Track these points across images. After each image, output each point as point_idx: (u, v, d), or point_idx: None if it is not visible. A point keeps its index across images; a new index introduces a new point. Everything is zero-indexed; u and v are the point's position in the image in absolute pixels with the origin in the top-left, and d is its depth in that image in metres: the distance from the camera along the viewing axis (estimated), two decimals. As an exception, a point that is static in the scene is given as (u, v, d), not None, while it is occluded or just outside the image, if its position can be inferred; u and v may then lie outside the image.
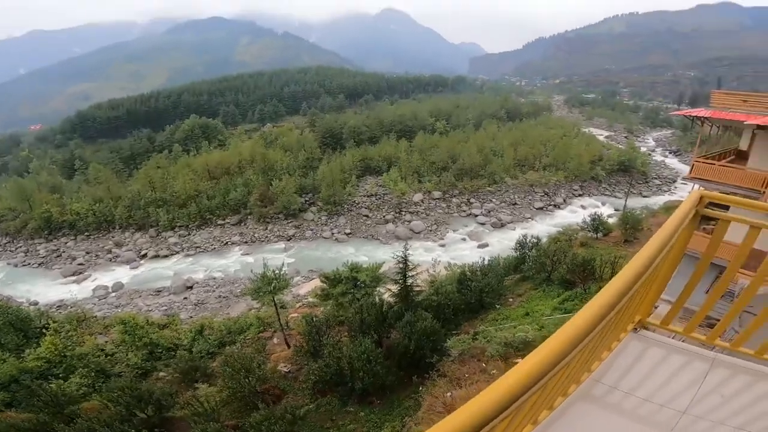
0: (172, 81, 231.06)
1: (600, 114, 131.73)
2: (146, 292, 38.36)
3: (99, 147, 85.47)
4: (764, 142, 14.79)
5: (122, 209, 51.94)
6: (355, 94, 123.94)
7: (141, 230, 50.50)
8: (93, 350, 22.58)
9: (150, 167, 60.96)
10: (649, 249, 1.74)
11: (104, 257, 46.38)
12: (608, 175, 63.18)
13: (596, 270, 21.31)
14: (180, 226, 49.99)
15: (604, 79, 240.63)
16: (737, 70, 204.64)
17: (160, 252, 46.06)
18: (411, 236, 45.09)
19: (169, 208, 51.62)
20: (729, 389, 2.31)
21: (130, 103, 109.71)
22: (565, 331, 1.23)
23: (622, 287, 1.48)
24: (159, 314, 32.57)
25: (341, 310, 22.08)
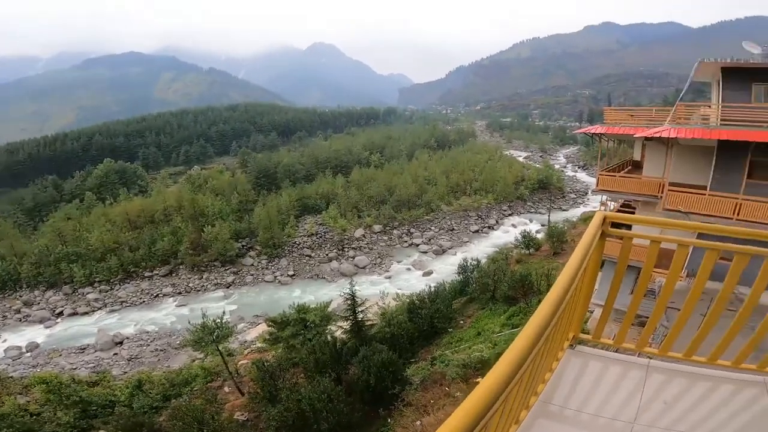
0: (82, 121, 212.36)
1: (517, 136, 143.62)
2: (67, 351, 35.05)
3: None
4: (653, 151, 16.59)
5: (29, 266, 46.28)
6: (287, 131, 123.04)
7: (53, 288, 45.34)
8: (15, 410, 20.50)
9: (58, 219, 55.11)
10: (567, 271, 1.86)
11: (13, 318, 41.56)
12: (531, 193, 68.51)
13: (534, 284, 23.08)
14: (100, 281, 45.50)
15: (517, 103, 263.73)
16: (622, 86, 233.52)
17: (78, 309, 41.99)
18: (356, 272, 45.18)
19: (84, 262, 46.78)
20: (668, 394, 2.39)
21: (32, 147, 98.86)
22: (511, 349, 1.32)
23: (551, 308, 1.58)
24: (86, 372, 29.95)
25: (293, 352, 21.71)
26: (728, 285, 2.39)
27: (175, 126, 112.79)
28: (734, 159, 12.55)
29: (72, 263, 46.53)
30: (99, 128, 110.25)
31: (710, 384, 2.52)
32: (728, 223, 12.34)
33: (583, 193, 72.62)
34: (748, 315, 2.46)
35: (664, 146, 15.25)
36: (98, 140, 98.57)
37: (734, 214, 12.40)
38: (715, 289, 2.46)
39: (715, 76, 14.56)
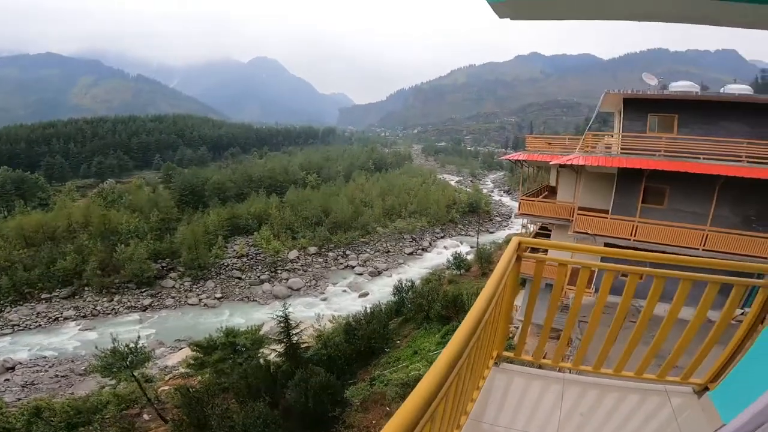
0: None
1: (450, 161, 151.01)
2: None
3: None
4: (566, 177, 18.11)
5: None
6: (219, 146, 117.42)
7: None
8: None
9: None
10: (485, 292, 1.93)
11: None
12: (462, 216, 71.68)
13: (465, 303, 24.06)
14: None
15: (452, 128, 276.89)
16: (543, 114, 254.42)
17: None
18: (290, 294, 43.76)
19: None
20: (584, 407, 2.52)
21: None
22: (433, 368, 1.32)
23: (470, 327, 1.62)
24: None
25: (222, 377, 20.56)
26: (624, 301, 2.59)
27: (89, 134, 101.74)
28: (631, 185, 14.21)
29: (-49, 282, 39.87)
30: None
31: (618, 394, 2.67)
32: (627, 244, 13.82)
33: (507, 216, 77.36)
34: (645, 326, 2.65)
35: (574, 173, 16.80)
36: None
37: (632, 236, 13.95)
38: (618, 303, 2.66)
39: (617, 107, 16.44)
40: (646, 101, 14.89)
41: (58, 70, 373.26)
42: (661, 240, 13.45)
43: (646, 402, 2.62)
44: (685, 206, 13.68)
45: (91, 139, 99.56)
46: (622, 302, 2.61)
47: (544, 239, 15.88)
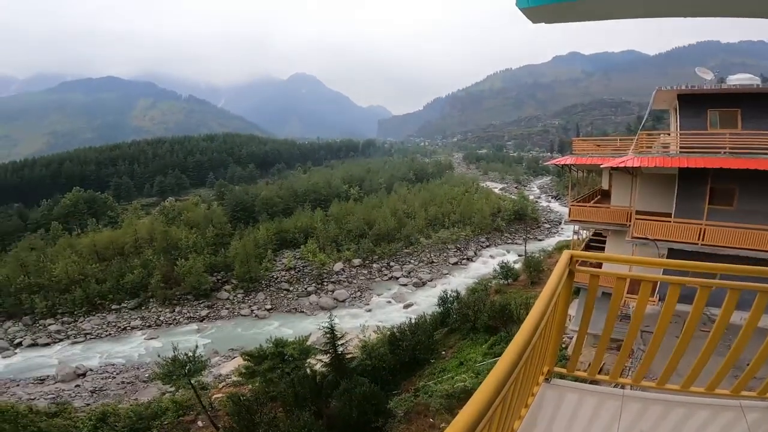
0: (54, 147, 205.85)
1: (492, 168, 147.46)
2: (25, 381, 33.31)
3: None
4: (620, 181, 17.19)
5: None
6: (266, 163, 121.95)
7: (12, 318, 43.22)
8: None
9: (22, 249, 52.81)
10: (536, 308, 1.90)
11: None
12: (507, 224, 69.81)
13: (513, 313, 23.40)
14: (62, 313, 43.49)
15: (492, 134, 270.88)
16: (589, 115, 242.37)
17: (38, 340, 40.08)
18: (336, 305, 44.48)
19: (47, 293, 44.76)
20: (645, 424, 2.38)
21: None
22: (481, 389, 1.31)
23: (520, 346, 1.61)
24: (45, 403, 28.26)
25: (271, 386, 21.03)
26: (694, 314, 2.48)
27: (150, 155, 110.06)
28: (695, 186, 13.18)
29: (34, 294, 44.52)
30: (70, 155, 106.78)
31: (685, 410, 2.52)
32: (694, 248, 12.85)
33: (557, 222, 74.55)
34: (719, 337, 2.50)
35: (629, 175, 15.88)
36: (68, 167, 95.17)
37: (699, 240, 12.94)
38: (687, 311, 2.50)
39: (672, 104, 15.41)
40: (703, 96, 13.83)
41: (118, 93, 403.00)
42: (732, 243, 12.35)
43: (717, 418, 2.46)
44: (757, 206, 12.48)
45: (152, 159, 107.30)
46: (692, 314, 2.43)
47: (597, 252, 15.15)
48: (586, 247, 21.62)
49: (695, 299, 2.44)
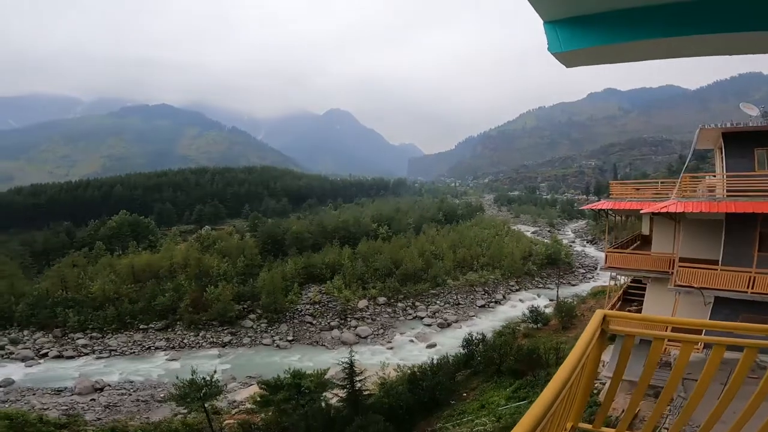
0: (108, 170, 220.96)
1: (525, 211, 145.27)
2: (42, 391, 33.95)
3: (9, 237, 76.77)
4: (662, 226, 16.37)
5: (24, 307, 46.39)
6: (299, 198, 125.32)
7: (44, 330, 44.94)
8: None
9: (65, 265, 55.44)
10: (565, 366, 1.83)
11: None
12: (539, 268, 67.82)
13: (542, 357, 22.61)
14: (93, 328, 45.06)
15: (525, 175, 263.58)
16: (627, 155, 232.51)
17: (64, 353, 41.33)
18: (358, 341, 43.96)
19: (81, 309, 46.63)
20: None
21: (54, 191, 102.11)
22: None
23: (542, 409, 1.54)
24: (57, 413, 28.44)
25: (284, 416, 20.69)
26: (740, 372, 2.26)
27: (193, 184, 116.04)
28: (744, 232, 12.33)
29: (68, 309, 46.40)
30: (121, 179, 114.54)
31: None
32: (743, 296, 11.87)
33: (592, 267, 71.74)
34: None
35: (672, 221, 15.21)
36: (118, 191, 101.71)
37: (749, 288, 11.97)
38: (734, 359, 2.32)
39: (717, 143, 14.72)
40: (750, 134, 13.11)
41: (170, 120, 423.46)
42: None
43: None
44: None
45: (194, 187, 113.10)
46: (738, 371, 2.19)
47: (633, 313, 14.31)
48: (624, 293, 20.63)
49: (742, 357, 2.24)
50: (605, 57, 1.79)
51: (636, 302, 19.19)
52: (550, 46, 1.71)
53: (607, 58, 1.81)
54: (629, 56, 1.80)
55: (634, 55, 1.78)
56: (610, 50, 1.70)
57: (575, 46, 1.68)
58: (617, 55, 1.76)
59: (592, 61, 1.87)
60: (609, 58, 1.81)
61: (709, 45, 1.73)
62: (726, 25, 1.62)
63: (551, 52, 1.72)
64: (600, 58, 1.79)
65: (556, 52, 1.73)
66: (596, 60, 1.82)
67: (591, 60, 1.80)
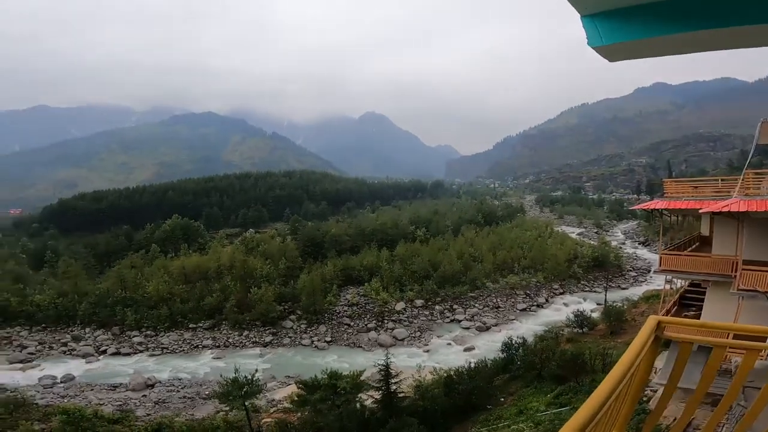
0: (162, 176, 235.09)
1: (569, 211, 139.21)
2: (99, 387, 36.16)
3: (75, 240, 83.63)
4: (723, 226, 15.38)
5: (87, 306, 50.05)
6: (338, 201, 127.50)
7: (104, 327, 48.23)
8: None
9: (124, 266, 59.56)
10: (612, 376, 1.78)
11: (58, 349, 44.38)
12: (585, 271, 64.92)
13: (587, 363, 21.64)
14: (147, 327, 47.91)
15: (568, 175, 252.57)
16: (682, 152, 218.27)
17: (121, 350, 44.06)
18: (394, 343, 43.98)
19: (138, 308, 49.78)
20: None
21: (114, 197, 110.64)
22: None
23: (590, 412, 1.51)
24: (111, 409, 30.11)
25: (319, 416, 20.95)
26: None
27: (238, 188, 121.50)
28: None
29: (127, 308, 49.66)
30: (173, 185, 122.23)
31: None
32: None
33: (644, 270, 67.98)
34: None
35: (734, 220, 14.07)
36: (170, 196, 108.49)
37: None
38: None
39: None
40: None
41: (215, 128, 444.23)
42: None
43: None
44: None
45: (239, 192, 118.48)
46: None
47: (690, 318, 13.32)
48: (680, 298, 19.34)
49: None
50: (649, 50, 1.70)
51: (694, 307, 17.95)
52: (589, 40, 1.66)
53: (652, 51, 1.72)
54: (674, 49, 1.71)
55: (680, 47, 1.68)
56: (654, 43, 1.62)
57: (616, 40, 1.61)
58: (662, 47, 1.68)
59: (635, 55, 1.77)
60: (653, 51, 1.72)
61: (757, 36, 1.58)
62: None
63: (591, 46, 1.67)
64: (643, 51, 1.70)
65: (596, 46, 1.67)
66: (639, 53, 1.73)
67: (634, 53, 1.72)
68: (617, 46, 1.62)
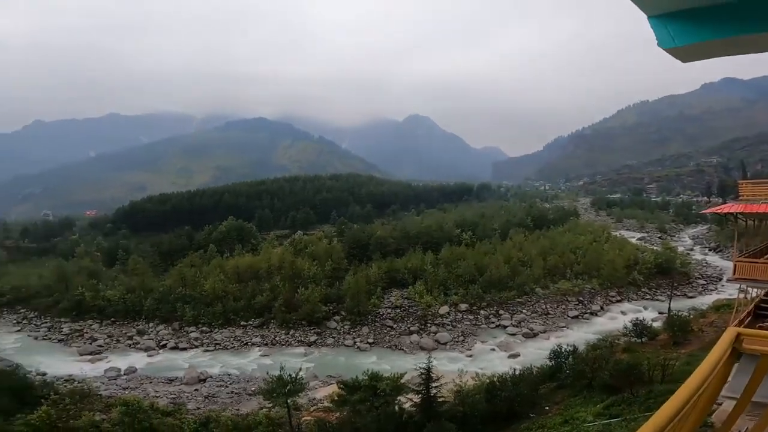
0: (218, 180, 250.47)
1: (629, 215, 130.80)
2: (158, 380, 38.47)
3: (143, 239, 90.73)
4: None
5: (151, 301, 54.08)
6: (383, 203, 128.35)
7: (165, 323, 51.78)
8: (87, 425, 22.09)
9: (185, 265, 63.75)
10: (685, 389, 1.75)
11: (124, 342, 47.90)
12: (646, 278, 60.63)
13: (645, 374, 20.48)
14: (203, 323, 50.79)
15: (628, 176, 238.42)
16: (757, 150, 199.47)
17: (179, 344, 46.83)
18: (436, 347, 43.54)
19: (195, 305, 53.07)
20: None
21: (177, 199, 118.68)
22: None
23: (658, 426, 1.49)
24: (166, 402, 31.89)
25: (357, 417, 21.13)
26: None
27: (287, 191, 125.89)
28: None
29: (186, 304, 52.94)
30: (228, 188, 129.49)
31: None
32: None
33: (715, 278, 62.60)
34: None
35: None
36: (226, 199, 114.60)
37: None
38: None
39: None
40: None
41: (266, 133, 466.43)
42: None
43: None
44: None
45: (288, 195, 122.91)
46: None
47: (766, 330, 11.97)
48: (756, 308, 17.75)
49: None
50: (724, 50, 1.63)
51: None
52: (660, 41, 1.59)
53: (726, 51, 1.64)
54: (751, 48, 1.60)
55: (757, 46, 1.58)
56: (729, 43, 1.55)
57: (689, 41, 1.54)
58: (737, 47, 1.60)
59: (709, 55, 1.67)
60: (728, 51, 1.65)
61: None
62: None
63: (663, 47, 1.59)
64: (718, 50, 1.63)
65: (668, 48, 1.59)
66: (714, 53, 1.64)
67: (708, 53, 1.64)
68: (691, 47, 1.56)
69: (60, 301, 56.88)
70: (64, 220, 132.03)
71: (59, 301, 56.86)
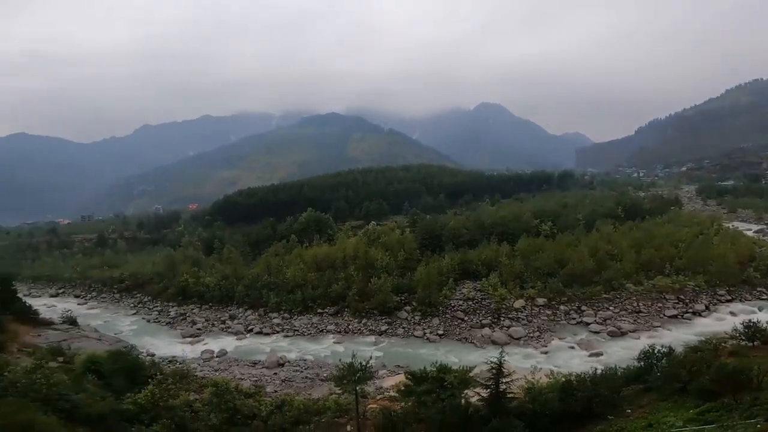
0: (297, 174, 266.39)
1: (744, 204, 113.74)
2: (243, 362, 41.40)
3: (236, 230, 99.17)
4: None
5: (242, 288, 58.77)
6: (455, 194, 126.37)
7: (252, 308, 55.87)
8: (182, 405, 23.93)
9: (270, 254, 68.48)
10: None
11: (218, 326, 52.50)
12: (764, 276, 52.83)
13: (753, 379, 18.42)
14: (284, 310, 54.06)
15: (742, 161, 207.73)
16: None
17: (263, 330, 50.27)
18: (509, 342, 41.92)
19: (278, 292, 56.64)
20: None
21: (263, 193, 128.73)
22: None
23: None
24: (248, 384, 33.92)
25: (422, 408, 21.16)
26: None
27: (361, 183, 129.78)
28: None
29: (270, 291, 56.93)
30: (307, 181, 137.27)
31: None
32: None
33: None
34: None
35: None
36: (305, 192, 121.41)
37: None
38: None
39: None
40: None
41: (338, 127, 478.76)
42: None
43: None
44: None
45: (362, 186, 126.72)
46: None
47: None
48: None
49: None
50: None
51: None
52: None
53: None
54: None
55: None
56: None
57: None
58: None
59: None
60: None
61: None
62: None
63: None
64: None
65: None
66: None
67: None
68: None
69: (168, 287, 65.00)
70: (172, 214, 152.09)
71: (168, 287, 64.97)
